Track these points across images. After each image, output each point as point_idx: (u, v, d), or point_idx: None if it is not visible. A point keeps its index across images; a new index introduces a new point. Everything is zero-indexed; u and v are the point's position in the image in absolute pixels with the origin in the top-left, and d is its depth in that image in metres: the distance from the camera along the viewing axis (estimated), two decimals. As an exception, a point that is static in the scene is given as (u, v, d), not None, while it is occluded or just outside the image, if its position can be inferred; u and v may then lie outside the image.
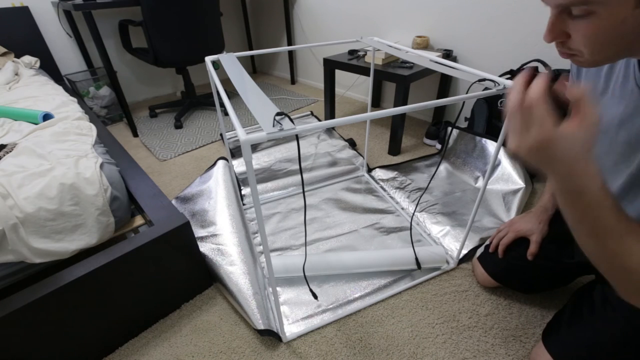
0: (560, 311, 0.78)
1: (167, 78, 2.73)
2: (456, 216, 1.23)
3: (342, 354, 0.85)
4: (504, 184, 1.32)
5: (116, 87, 1.93)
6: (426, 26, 1.76)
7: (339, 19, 2.22)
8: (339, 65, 1.73)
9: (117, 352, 0.88)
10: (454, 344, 0.86)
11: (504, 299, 0.96)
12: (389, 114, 0.60)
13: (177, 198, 1.37)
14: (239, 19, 2.90)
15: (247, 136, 0.51)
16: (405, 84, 1.46)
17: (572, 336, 0.70)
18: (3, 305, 0.68)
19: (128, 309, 0.87)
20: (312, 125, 0.56)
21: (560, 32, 0.45)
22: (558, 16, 0.44)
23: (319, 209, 1.33)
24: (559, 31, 0.45)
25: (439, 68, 0.85)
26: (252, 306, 0.90)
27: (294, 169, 1.54)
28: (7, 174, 0.82)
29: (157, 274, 0.89)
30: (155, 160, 1.79)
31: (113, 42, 2.33)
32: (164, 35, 1.86)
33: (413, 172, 1.52)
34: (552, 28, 0.45)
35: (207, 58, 0.96)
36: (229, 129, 2.02)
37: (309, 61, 2.66)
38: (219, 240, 1.08)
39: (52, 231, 0.82)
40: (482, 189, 0.89)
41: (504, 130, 0.78)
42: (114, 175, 0.97)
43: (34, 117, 1.17)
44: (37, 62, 1.94)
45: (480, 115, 1.50)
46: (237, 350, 0.87)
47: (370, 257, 1.02)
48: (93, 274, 0.75)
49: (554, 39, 0.47)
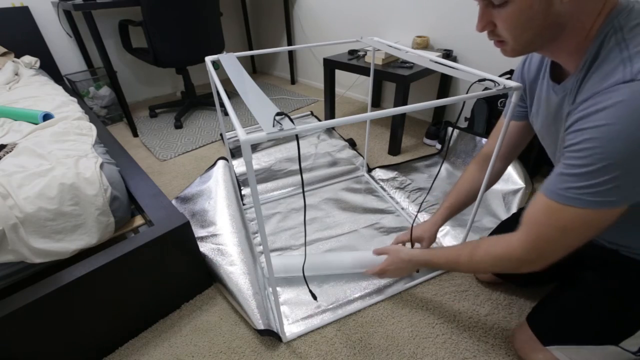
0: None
1: (167, 78, 2.72)
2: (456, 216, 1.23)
3: (342, 354, 0.85)
4: (504, 184, 1.32)
5: (116, 87, 1.93)
6: (426, 26, 1.76)
7: (339, 19, 2.22)
8: (339, 65, 1.73)
9: (117, 352, 0.88)
10: (454, 344, 0.86)
11: (504, 299, 0.96)
12: (389, 114, 0.60)
13: (177, 198, 1.37)
14: (239, 19, 2.90)
15: (247, 136, 0.51)
16: (405, 84, 1.46)
17: (548, 307, 0.77)
18: (3, 305, 0.68)
19: (128, 309, 0.87)
20: (312, 126, 0.56)
21: (488, 22, 0.54)
22: (484, 8, 0.53)
23: (319, 209, 1.33)
24: (487, 21, 0.54)
25: (439, 68, 0.85)
26: (252, 306, 0.90)
27: (294, 169, 1.54)
28: (7, 174, 0.82)
29: (157, 273, 0.89)
30: (155, 160, 1.79)
31: (113, 42, 2.33)
32: (164, 35, 1.86)
33: (413, 172, 1.52)
34: (481, 18, 0.54)
35: (207, 58, 0.96)
36: (229, 129, 2.01)
37: (309, 61, 2.66)
38: (219, 240, 1.08)
39: (52, 231, 0.82)
40: (482, 189, 0.89)
41: (504, 131, 0.78)
42: (114, 175, 0.97)
43: (34, 117, 1.17)
44: (37, 62, 1.94)
45: (480, 115, 1.50)
46: (237, 350, 0.87)
47: (369, 257, 1.02)
48: (93, 274, 0.75)
49: (483, 28, 0.55)
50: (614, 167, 0.45)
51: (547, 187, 0.55)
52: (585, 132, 0.48)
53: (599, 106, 0.46)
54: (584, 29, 0.50)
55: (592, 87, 0.49)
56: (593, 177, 0.47)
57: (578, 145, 0.49)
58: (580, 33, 0.51)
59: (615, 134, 0.44)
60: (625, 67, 0.45)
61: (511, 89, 0.69)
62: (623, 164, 0.45)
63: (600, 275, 0.71)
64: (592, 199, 0.49)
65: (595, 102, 0.47)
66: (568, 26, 0.50)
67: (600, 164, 0.46)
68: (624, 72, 0.45)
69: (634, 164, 0.44)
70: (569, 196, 0.51)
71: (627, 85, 0.44)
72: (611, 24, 0.48)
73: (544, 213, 0.56)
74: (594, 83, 0.49)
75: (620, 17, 0.48)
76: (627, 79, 0.44)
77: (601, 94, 0.47)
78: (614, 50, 0.47)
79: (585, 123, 0.48)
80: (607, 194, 0.48)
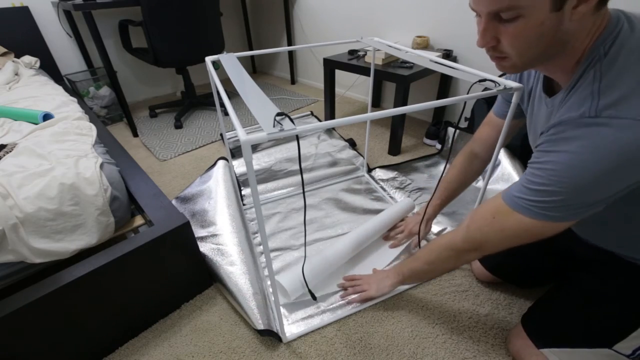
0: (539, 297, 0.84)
1: (167, 78, 2.72)
2: (456, 216, 1.23)
3: (342, 354, 0.85)
4: (504, 184, 1.32)
5: (116, 87, 1.93)
6: (426, 26, 1.76)
7: (339, 19, 2.22)
8: (339, 65, 1.73)
9: (117, 352, 0.88)
10: (454, 344, 0.86)
11: (504, 299, 0.96)
12: (389, 115, 0.60)
13: (177, 198, 1.37)
14: (239, 19, 2.90)
15: (248, 136, 0.51)
16: (405, 84, 1.46)
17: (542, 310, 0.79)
18: (3, 305, 0.68)
19: (128, 309, 0.87)
20: (312, 126, 0.56)
21: (491, 38, 0.52)
22: (489, 22, 0.51)
23: (319, 209, 1.33)
24: (490, 37, 0.52)
25: (439, 68, 0.85)
26: (252, 306, 0.90)
27: (294, 169, 1.54)
28: (7, 174, 0.82)
29: (157, 274, 0.89)
30: (155, 160, 1.79)
31: (113, 42, 2.33)
32: (164, 35, 1.86)
33: (413, 172, 1.52)
34: (484, 34, 0.52)
35: (208, 58, 0.96)
36: (229, 129, 2.01)
37: (309, 61, 2.66)
38: (219, 240, 1.08)
39: (52, 231, 0.82)
40: (482, 189, 0.89)
41: (504, 130, 0.78)
42: (114, 175, 0.97)
43: (34, 117, 1.17)
44: (37, 62, 1.94)
45: (481, 115, 1.50)
46: (237, 350, 0.87)
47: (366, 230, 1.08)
48: (93, 274, 0.75)
49: (486, 44, 0.54)
50: (566, 191, 0.50)
51: (507, 190, 0.60)
52: (549, 155, 0.52)
53: (565, 135, 0.50)
54: (580, 49, 0.51)
55: (565, 113, 0.52)
56: (546, 194, 0.52)
57: (540, 165, 0.53)
58: (577, 52, 0.52)
59: (574, 163, 0.49)
60: (593, 100, 0.48)
61: (512, 89, 0.69)
62: (575, 189, 0.50)
63: (595, 278, 0.71)
64: (540, 212, 0.54)
65: (563, 130, 0.51)
66: (569, 44, 0.51)
67: (554, 187, 0.51)
68: (590, 106, 0.48)
69: (585, 190, 0.49)
70: (521, 204, 0.56)
71: (591, 120, 0.47)
72: (597, 51, 0.49)
73: (492, 211, 0.62)
74: (568, 108, 0.52)
75: (605, 44, 0.49)
76: (591, 114, 0.47)
77: (569, 123, 0.50)
78: (589, 80, 0.49)
79: (550, 146, 0.52)
80: (555, 210, 0.53)
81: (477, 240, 0.65)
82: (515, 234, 0.59)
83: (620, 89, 0.46)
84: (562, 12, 0.46)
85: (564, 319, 0.72)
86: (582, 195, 0.50)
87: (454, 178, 0.98)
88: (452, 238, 0.71)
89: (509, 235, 0.60)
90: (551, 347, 0.72)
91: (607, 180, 0.48)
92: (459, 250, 0.70)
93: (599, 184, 0.48)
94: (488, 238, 0.64)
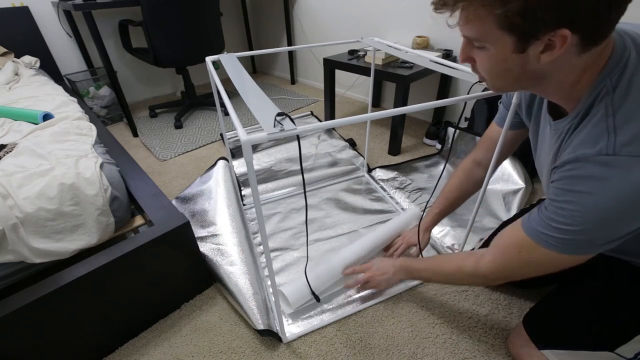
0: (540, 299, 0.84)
1: (167, 78, 2.72)
2: (456, 216, 1.23)
3: (342, 354, 0.85)
4: (504, 184, 1.32)
5: (116, 87, 1.93)
6: (426, 26, 1.76)
7: (339, 19, 2.22)
8: (339, 65, 1.73)
9: (117, 352, 0.88)
10: (454, 344, 0.86)
11: (504, 299, 0.96)
12: (389, 115, 0.60)
13: (177, 198, 1.37)
14: (239, 19, 2.90)
15: (248, 136, 0.51)
16: (405, 84, 1.46)
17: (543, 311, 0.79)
18: (3, 305, 0.68)
19: (128, 309, 0.87)
20: (313, 126, 0.56)
21: (468, 57, 0.54)
22: (467, 43, 0.53)
23: (319, 209, 1.33)
24: (467, 56, 0.54)
25: (439, 68, 0.85)
26: (252, 306, 0.90)
27: (294, 169, 1.54)
28: (7, 174, 0.82)
29: (157, 273, 0.89)
30: (155, 160, 1.79)
31: (113, 42, 2.33)
32: (164, 35, 1.86)
33: (413, 172, 1.52)
34: (462, 51, 0.54)
35: (208, 58, 0.96)
36: (229, 129, 2.01)
37: (309, 61, 2.66)
38: (219, 240, 1.08)
39: (52, 231, 0.82)
40: (482, 189, 0.89)
41: (504, 131, 0.78)
42: (114, 175, 0.97)
43: (34, 117, 1.17)
44: (37, 62, 1.94)
45: (480, 115, 1.50)
46: (237, 350, 0.87)
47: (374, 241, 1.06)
48: (93, 274, 0.75)
49: (464, 61, 0.56)
50: (591, 231, 0.50)
51: (528, 221, 0.59)
52: (569, 194, 0.51)
53: (582, 172, 0.49)
54: (567, 82, 0.51)
55: (578, 148, 0.51)
56: (571, 234, 0.52)
57: (561, 204, 0.52)
58: (564, 85, 0.51)
59: (597, 204, 0.48)
60: (610, 137, 0.47)
61: (511, 89, 0.69)
62: (601, 230, 0.50)
63: (598, 281, 0.71)
64: (567, 247, 0.54)
65: (580, 167, 0.50)
66: (549, 79, 0.51)
67: (579, 227, 0.50)
68: (607, 143, 0.47)
69: (610, 229, 0.49)
70: (547, 240, 0.55)
71: (611, 158, 0.46)
72: (604, 83, 0.48)
73: (516, 245, 0.61)
74: (580, 142, 0.51)
75: (612, 76, 0.48)
76: (609, 152, 0.46)
77: (586, 160, 0.49)
78: (601, 114, 0.48)
79: (569, 184, 0.51)
80: (581, 247, 0.53)
81: (505, 274, 0.66)
82: (543, 268, 0.59)
83: (637, 124, 0.45)
84: (526, 55, 0.46)
85: (566, 320, 0.72)
86: (608, 234, 0.50)
87: (454, 187, 0.97)
88: (475, 266, 0.70)
89: (536, 269, 0.61)
90: (552, 348, 0.71)
91: (633, 216, 0.47)
92: (484, 278, 0.71)
93: (624, 221, 0.48)
94: (514, 271, 0.64)
